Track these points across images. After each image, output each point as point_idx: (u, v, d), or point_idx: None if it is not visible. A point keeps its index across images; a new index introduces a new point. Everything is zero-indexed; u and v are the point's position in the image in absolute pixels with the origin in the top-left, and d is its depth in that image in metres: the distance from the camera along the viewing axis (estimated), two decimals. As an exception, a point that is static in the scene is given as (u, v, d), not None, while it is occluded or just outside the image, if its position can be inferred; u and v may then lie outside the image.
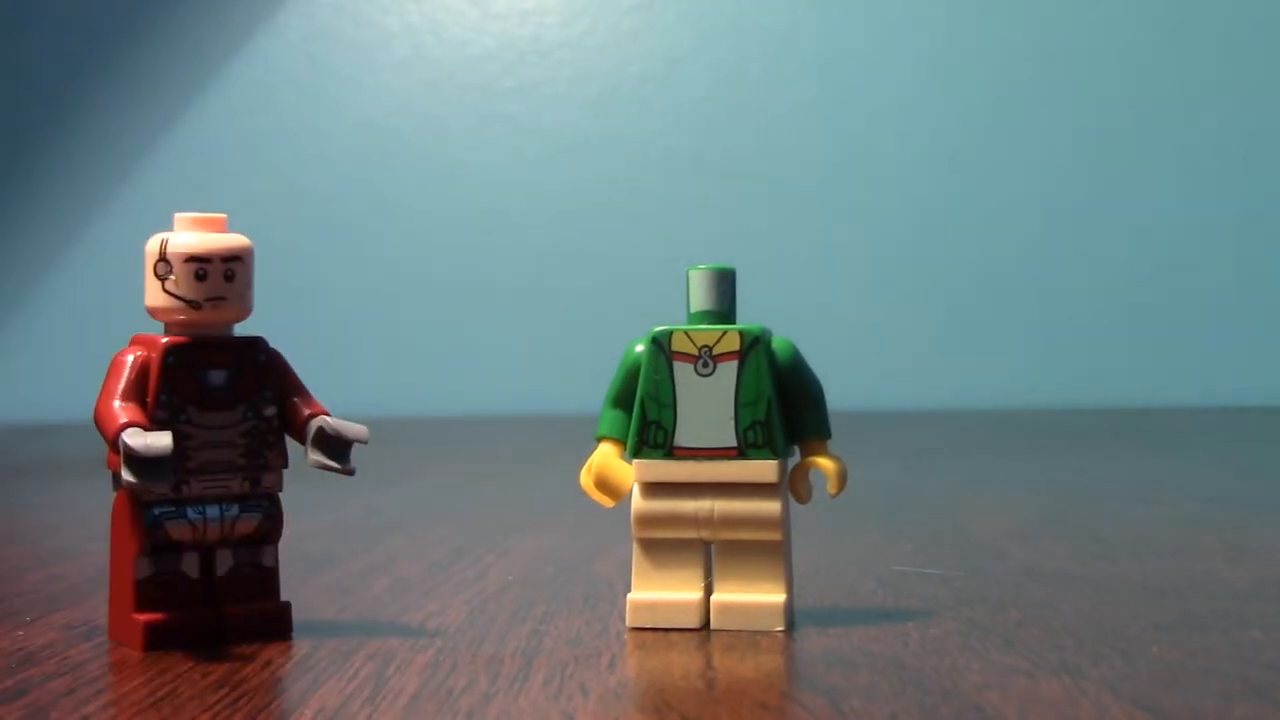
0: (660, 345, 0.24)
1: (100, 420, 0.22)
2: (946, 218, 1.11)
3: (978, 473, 0.55)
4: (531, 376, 1.11)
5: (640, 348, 0.24)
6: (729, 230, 1.12)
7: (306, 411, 0.24)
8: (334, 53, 1.15)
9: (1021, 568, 0.30)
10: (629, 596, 0.24)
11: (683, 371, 0.24)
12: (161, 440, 0.21)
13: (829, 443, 0.24)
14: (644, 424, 0.24)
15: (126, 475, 0.21)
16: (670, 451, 0.24)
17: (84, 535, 0.36)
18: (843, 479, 0.24)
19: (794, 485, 0.24)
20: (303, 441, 0.24)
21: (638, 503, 0.24)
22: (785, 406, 0.24)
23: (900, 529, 0.37)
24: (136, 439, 0.21)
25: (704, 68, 1.14)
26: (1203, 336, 1.08)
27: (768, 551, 0.24)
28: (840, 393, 0.39)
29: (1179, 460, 0.61)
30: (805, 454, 0.25)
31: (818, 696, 0.19)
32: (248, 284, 0.23)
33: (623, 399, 0.24)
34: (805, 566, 0.30)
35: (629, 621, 0.24)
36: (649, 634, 0.24)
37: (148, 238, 0.23)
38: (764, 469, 0.24)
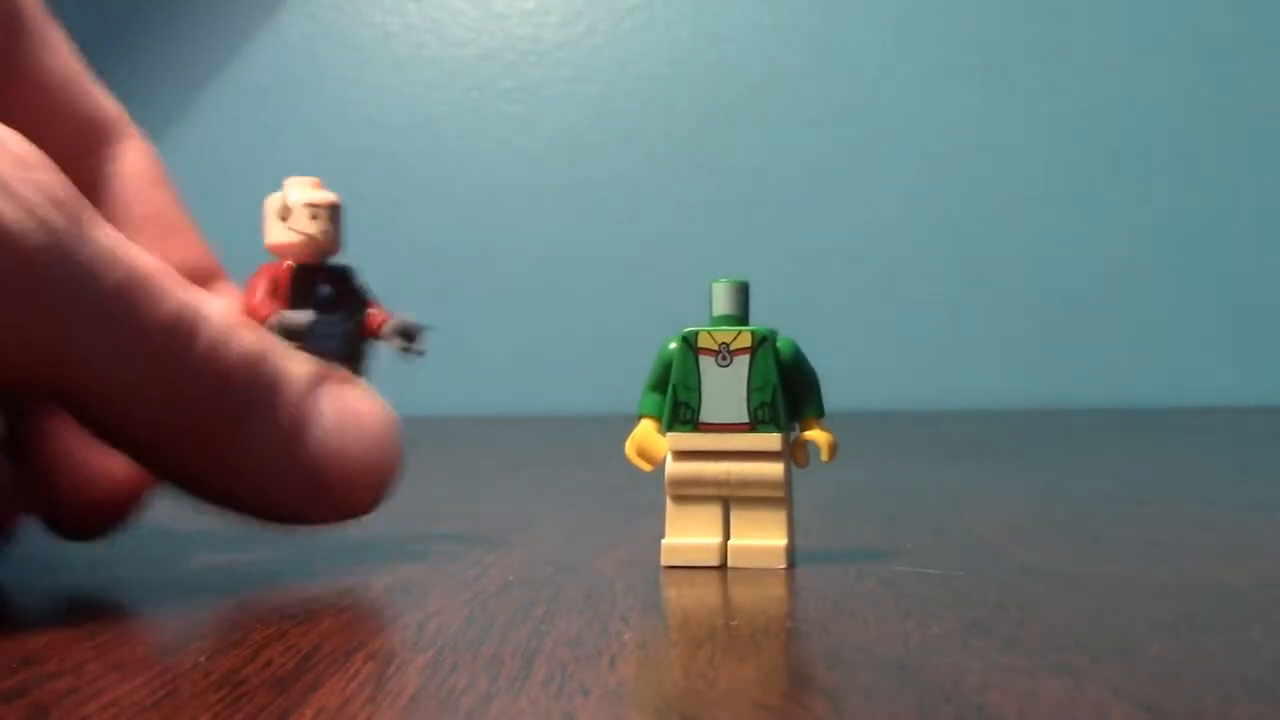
0: (689, 342, 0.31)
1: (248, 313, 0.30)
2: (946, 218, 1.11)
3: (978, 473, 0.55)
4: (531, 376, 1.11)
5: (673, 345, 0.31)
6: (729, 230, 1.12)
7: (380, 316, 0.32)
8: (334, 53, 1.16)
9: (1021, 568, 0.30)
10: (663, 541, 0.31)
11: (706, 363, 0.30)
12: (302, 316, 0.30)
13: (823, 420, 0.31)
14: (675, 405, 0.31)
15: (283, 340, 0.29)
16: (696, 426, 0.30)
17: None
18: (834, 449, 0.31)
19: (795, 453, 0.31)
20: (381, 338, 0.31)
21: (671, 467, 0.31)
22: (788, 391, 0.30)
23: (900, 529, 0.37)
24: (287, 316, 0.30)
25: (704, 68, 1.14)
26: (1202, 336, 1.08)
27: (773, 506, 0.30)
28: (840, 393, 0.40)
29: (1179, 460, 0.61)
30: (803, 429, 0.31)
31: (818, 696, 0.19)
32: (341, 227, 0.32)
33: (659, 385, 0.31)
34: (806, 566, 0.30)
35: (663, 561, 0.30)
36: (649, 634, 0.24)
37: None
38: (770, 440, 0.30)
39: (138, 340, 0.25)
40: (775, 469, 0.30)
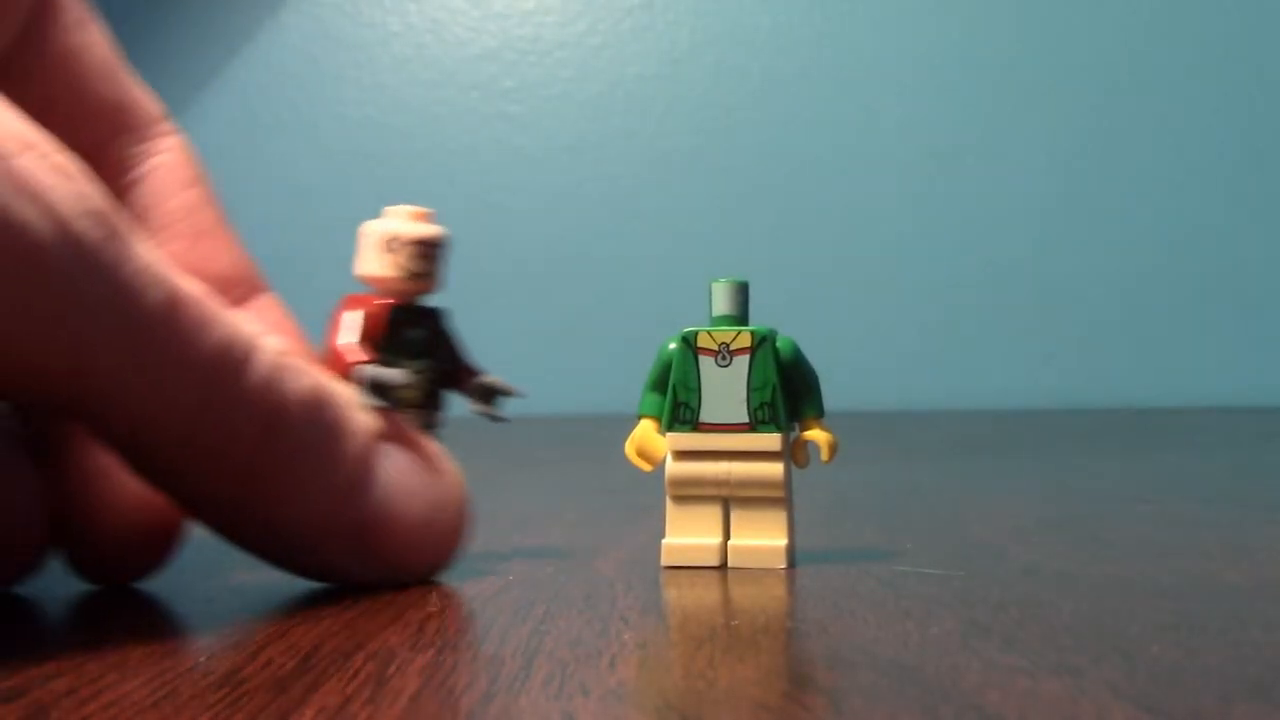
0: (689, 342, 0.30)
1: (332, 357, 0.28)
2: (946, 218, 1.11)
3: (978, 473, 0.55)
4: (530, 376, 1.11)
5: (673, 345, 0.31)
6: (729, 230, 1.12)
7: (470, 370, 0.30)
8: (334, 53, 1.16)
9: (1021, 568, 0.30)
10: (664, 541, 0.30)
11: (706, 363, 0.30)
12: (396, 375, 0.27)
13: (823, 420, 0.31)
14: (675, 405, 0.30)
15: (367, 398, 0.27)
16: (696, 426, 0.30)
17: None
18: (833, 448, 0.30)
19: (794, 453, 0.31)
20: (466, 394, 0.30)
21: (670, 467, 0.30)
22: (787, 391, 0.30)
23: (900, 529, 0.37)
24: (375, 371, 0.27)
25: (704, 68, 1.14)
26: (1203, 336, 1.08)
27: (773, 506, 0.30)
28: (840, 393, 0.40)
29: (1179, 460, 0.61)
30: (803, 429, 0.31)
31: (818, 696, 0.19)
32: (444, 266, 0.30)
33: (659, 385, 0.31)
34: (806, 566, 0.30)
35: (663, 561, 0.30)
36: (649, 634, 0.24)
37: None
38: (770, 440, 0.30)
39: (178, 368, 0.23)
40: (775, 469, 0.30)
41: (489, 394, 0.30)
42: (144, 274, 0.22)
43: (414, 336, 0.29)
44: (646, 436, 0.31)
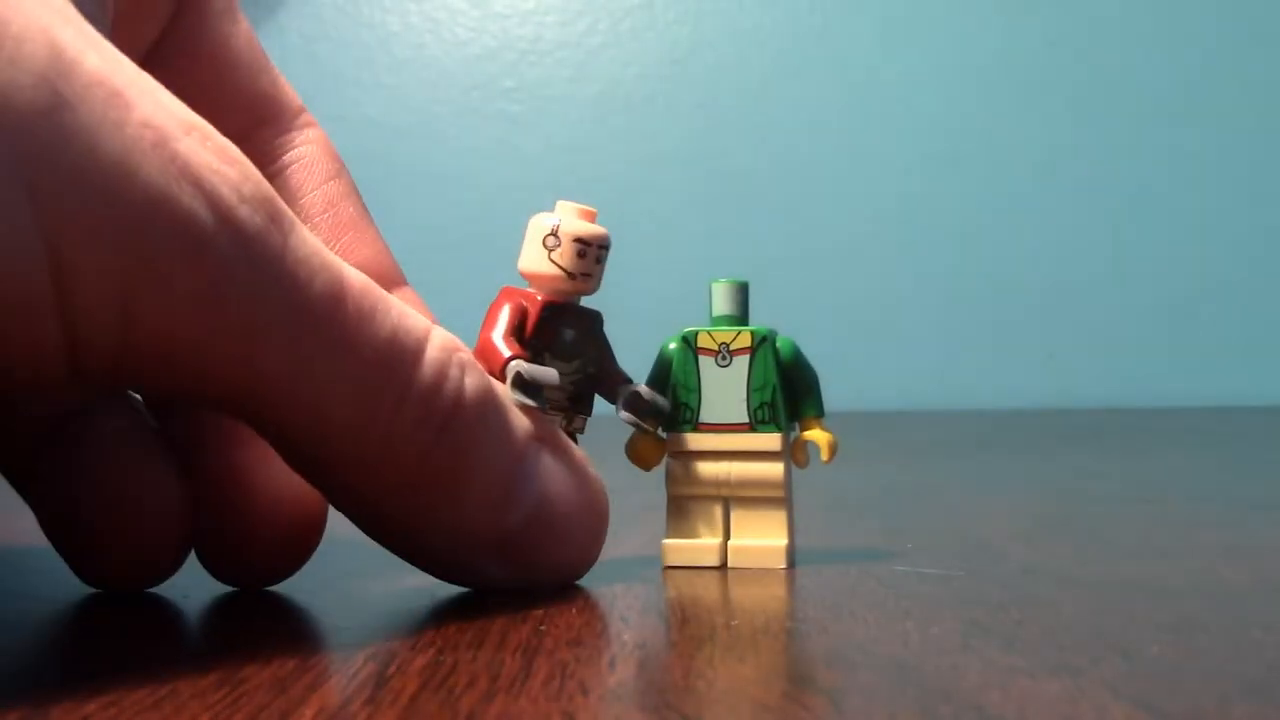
0: (688, 342, 0.30)
1: (485, 350, 0.27)
2: (946, 218, 1.11)
3: (978, 473, 0.55)
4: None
5: (673, 345, 0.31)
6: (729, 230, 1.12)
7: (621, 378, 0.30)
8: (334, 53, 1.15)
9: (1021, 568, 0.30)
10: (664, 541, 0.30)
11: (706, 363, 0.30)
12: (549, 375, 0.27)
13: (823, 420, 0.31)
14: (675, 405, 0.30)
15: (516, 395, 0.26)
16: (696, 427, 0.30)
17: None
18: (833, 448, 0.30)
19: (794, 453, 0.31)
20: (614, 401, 0.29)
21: (670, 468, 0.30)
22: (787, 391, 0.30)
23: (900, 529, 0.37)
24: (529, 369, 0.26)
25: (704, 68, 1.14)
26: (1204, 336, 1.08)
27: (773, 506, 0.30)
28: (841, 393, 0.40)
29: (1179, 460, 0.61)
30: (803, 429, 0.31)
31: (818, 696, 0.19)
32: (604, 267, 0.29)
33: (657, 385, 0.30)
34: (806, 566, 0.30)
35: (663, 561, 0.30)
36: (649, 634, 0.24)
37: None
38: (770, 440, 0.30)
39: (347, 359, 0.22)
40: (775, 469, 0.30)
41: (638, 403, 0.29)
42: (308, 262, 0.21)
43: (567, 337, 0.29)
44: (646, 436, 0.31)
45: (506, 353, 0.27)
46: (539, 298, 0.28)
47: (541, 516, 0.26)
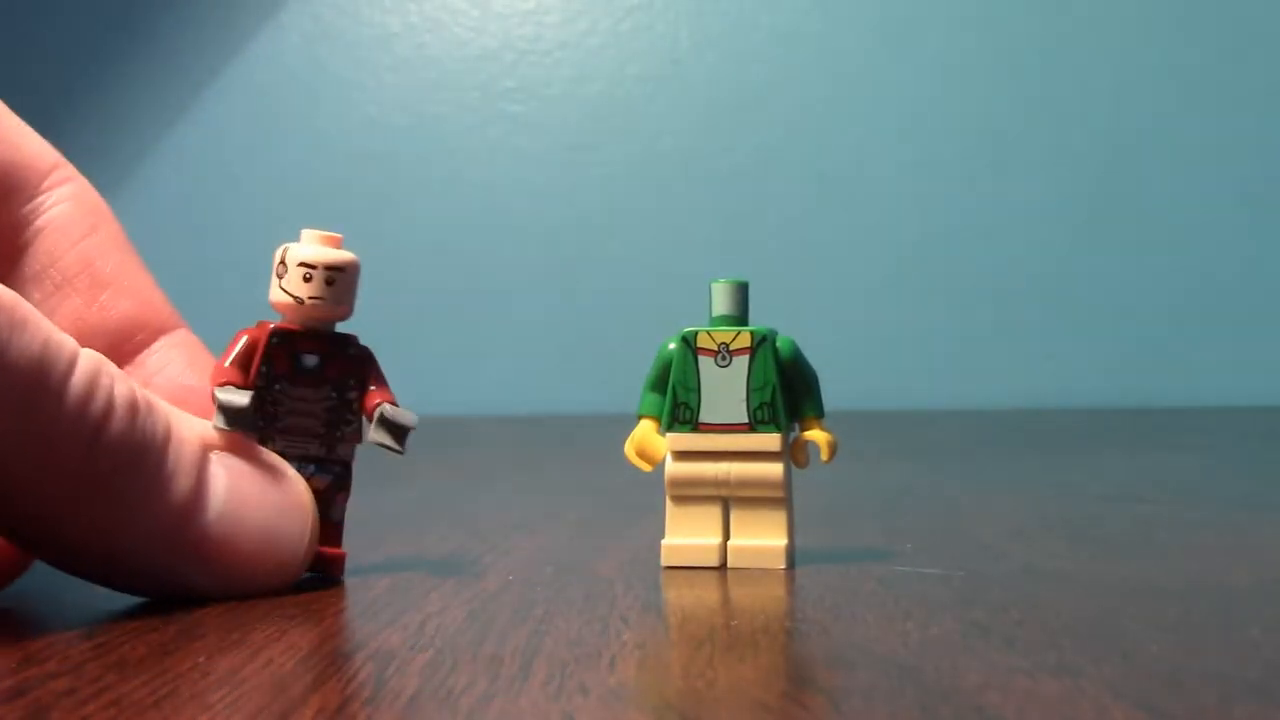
0: (688, 342, 0.30)
1: (212, 374, 0.28)
2: (947, 219, 1.11)
3: (978, 473, 0.55)
4: (531, 376, 1.11)
5: (673, 345, 0.31)
6: (729, 230, 1.12)
7: (375, 399, 0.29)
8: (334, 53, 1.15)
9: (1021, 568, 0.30)
10: (663, 541, 0.30)
11: (706, 363, 0.30)
12: (240, 399, 0.27)
13: (823, 420, 0.31)
14: (675, 405, 0.30)
15: (217, 421, 0.27)
16: (696, 427, 0.30)
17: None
18: (833, 448, 0.30)
19: (794, 453, 0.31)
20: (370, 421, 0.29)
21: (670, 468, 0.30)
22: (787, 391, 0.30)
23: (900, 529, 0.37)
24: (223, 394, 0.27)
25: (704, 68, 1.14)
26: (1203, 336, 1.08)
27: (773, 506, 0.30)
28: (841, 393, 0.40)
29: (1179, 460, 0.61)
30: (803, 429, 0.31)
31: (818, 696, 0.19)
32: (346, 291, 0.29)
33: (658, 385, 0.31)
34: (806, 566, 0.30)
35: (663, 562, 0.30)
36: (649, 634, 0.24)
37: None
38: (770, 440, 0.30)
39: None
40: (775, 469, 0.30)
41: (391, 428, 0.29)
42: None
43: (308, 363, 0.28)
44: (646, 437, 0.31)
45: (219, 377, 0.28)
46: (271, 325, 0.29)
47: (230, 515, 0.26)
